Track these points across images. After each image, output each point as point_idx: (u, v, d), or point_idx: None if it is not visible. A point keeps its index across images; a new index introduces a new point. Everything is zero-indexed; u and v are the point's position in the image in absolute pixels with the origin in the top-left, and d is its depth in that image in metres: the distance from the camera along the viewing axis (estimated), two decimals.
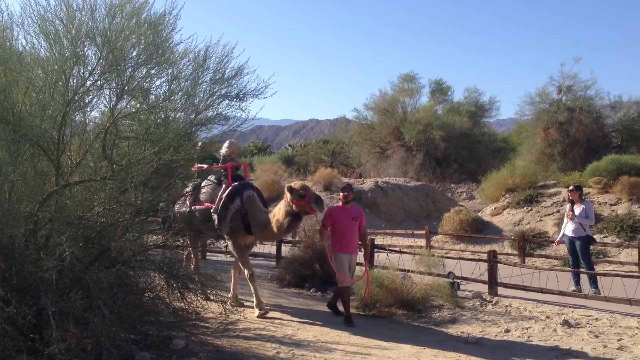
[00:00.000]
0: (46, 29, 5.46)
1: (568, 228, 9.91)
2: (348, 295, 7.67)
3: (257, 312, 7.64)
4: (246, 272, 7.89)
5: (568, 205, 10.08)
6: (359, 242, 7.92)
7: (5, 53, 5.30)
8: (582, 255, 9.79)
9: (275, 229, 7.66)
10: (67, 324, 4.71)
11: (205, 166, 9.07)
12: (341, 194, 7.73)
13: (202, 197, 8.68)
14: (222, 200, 8.09)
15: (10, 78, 5.15)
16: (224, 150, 8.76)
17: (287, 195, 7.42)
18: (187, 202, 8.64)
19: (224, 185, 8.38)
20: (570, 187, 10.21)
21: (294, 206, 7.33)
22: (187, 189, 8.52)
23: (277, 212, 7.62)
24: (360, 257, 8.07)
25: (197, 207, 8.60)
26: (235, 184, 8.25)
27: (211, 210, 8.27)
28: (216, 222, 8.09)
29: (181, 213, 8.39)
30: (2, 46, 5.34)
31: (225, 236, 8.16)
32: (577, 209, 9.82)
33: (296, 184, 7.64)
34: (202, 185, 8.84)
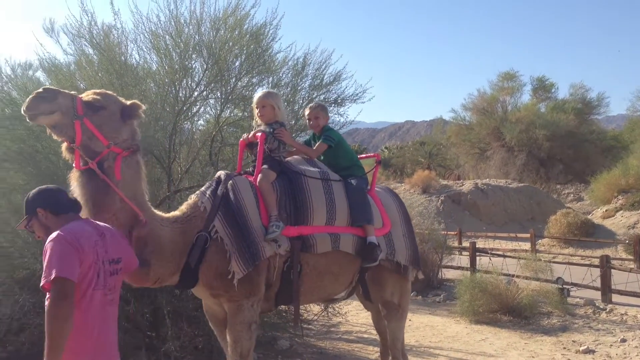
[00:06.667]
0: (157, 43, 5.83)
1: None
2: None
3: None
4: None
5: None
6: None
7: (121, 68, 5.69)
8: None
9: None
10: (181, 322, 4.98)
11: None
12: None
13: None
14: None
15: (126, 92, 5.52)
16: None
17: None
18: None
19: None
20: None
21: None
22: None
23: None
24: None
25: None
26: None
27: None
28: None
29: None
30: (118, 61, 5.74)
31: None
32: None
33: None
34: None
